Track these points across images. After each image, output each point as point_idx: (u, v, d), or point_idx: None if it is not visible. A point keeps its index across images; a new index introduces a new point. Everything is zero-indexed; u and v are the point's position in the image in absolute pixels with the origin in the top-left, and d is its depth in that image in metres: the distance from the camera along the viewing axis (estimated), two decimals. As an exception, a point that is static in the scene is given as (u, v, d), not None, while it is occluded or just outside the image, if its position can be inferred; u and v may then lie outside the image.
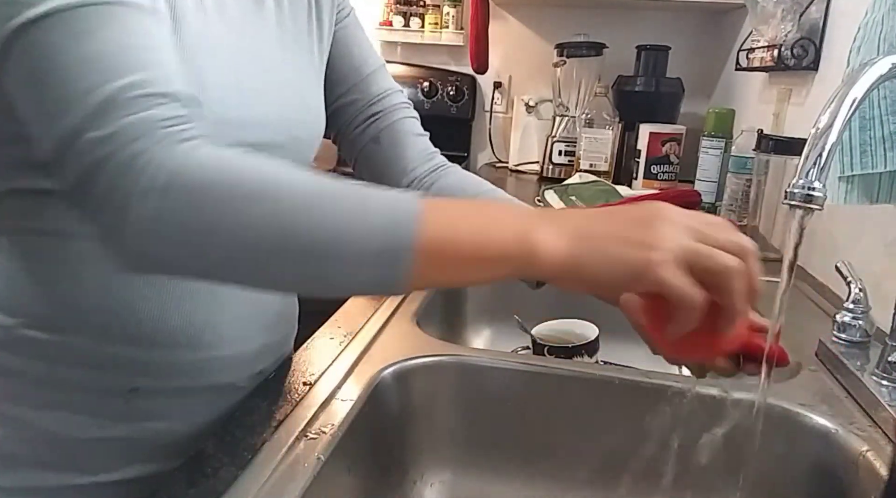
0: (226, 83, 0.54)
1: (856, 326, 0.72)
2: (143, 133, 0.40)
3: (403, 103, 0.74)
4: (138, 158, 0.39)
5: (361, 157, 0.72)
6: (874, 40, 0.70)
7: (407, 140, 0.72)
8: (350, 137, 0.72)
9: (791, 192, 0.48)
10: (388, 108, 0.72)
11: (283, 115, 0.61)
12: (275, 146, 0.60)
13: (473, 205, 0.45)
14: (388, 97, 0.73)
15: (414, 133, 0.73)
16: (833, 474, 0.60)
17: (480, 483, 0.70)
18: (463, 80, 2.06)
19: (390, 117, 0.72)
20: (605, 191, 1.38)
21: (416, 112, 0.75)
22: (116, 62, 0.41)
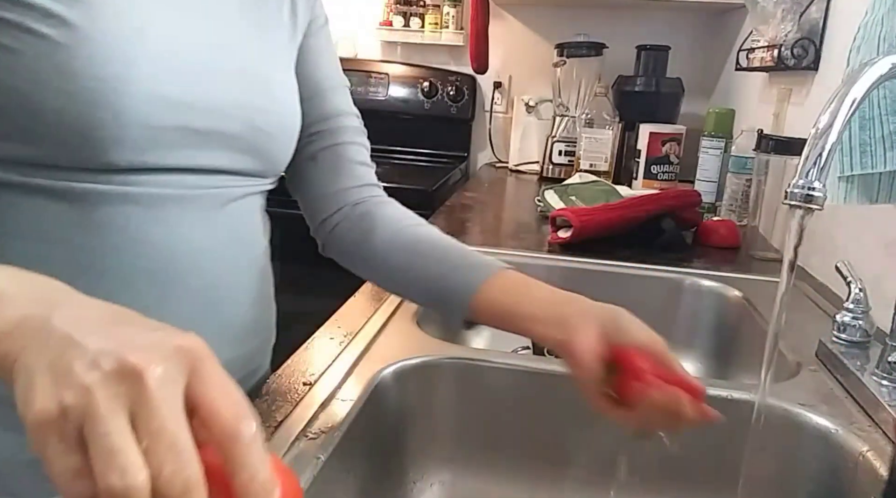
0: (160, 54, 0.50)
1: (856, 326, 0.72)
2: None
3: (353, 128, 0.70)
4: None
5: (296, 173, 0.68)
6: (874, 40, 0.70)
7: (345, 166, 0.68)
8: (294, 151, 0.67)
9: (791, 192, 0.48)
10: (333, 128, 0.68)
11: (239, 101, 0.56)
12: (229, 135, 0.56)
13: None
14: (339, 118, 0.69)
15: (356, 161, 0.69)
16: (833, 474, 0.60)
17: (480, 483, 0.70)
18: (463, 80, 2.06)
19: (334, 138, 0.68)
20: (605, 191, 1.38)
21: (367, 142, 0.71)
22: None
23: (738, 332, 0.94)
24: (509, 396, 0.70)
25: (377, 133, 0.80)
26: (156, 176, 0.52)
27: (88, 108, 0.47)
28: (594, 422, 0.69)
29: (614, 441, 0.69)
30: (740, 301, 0.95)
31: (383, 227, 0.66)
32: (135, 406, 0.27)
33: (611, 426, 0.69)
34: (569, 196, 1.36)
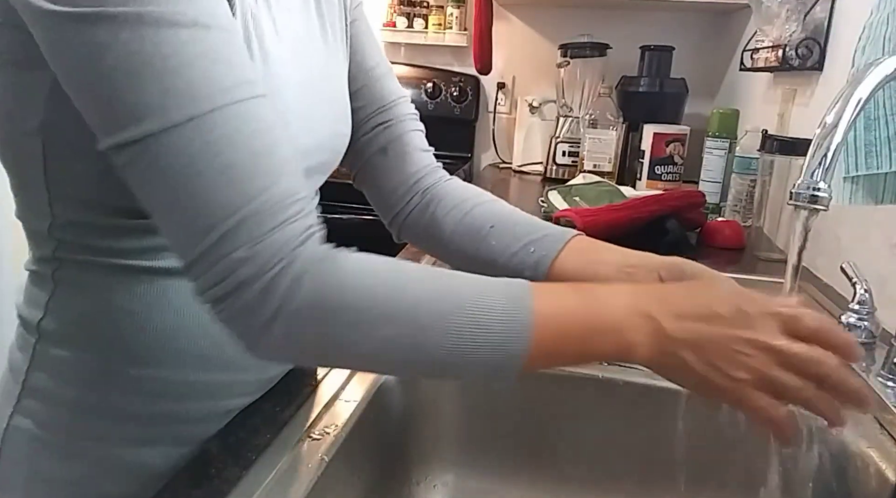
0: (302, 113, 0.53)
1: (861, 327, 0.72)
2: (282, 255, 0.40)
3: (412, 114, 0.70)
4: (277, 282, 0.40)
5: (367, 167, 0.68)
6: (879, 40, 0.70)
7: (414, 155, 0.68)
8: (355, 145, 0.67)
9: (796, 193, 0.48)
10: (397, 117, 0.68)
11: (333, 132, 0.60)
12: (323, 164, 0.59)
13: (580, 311, 0.45)
14: (399, 106, 0.68)
15: (421, 148, 0.69)
16: (839, 477, 0.59)
17: (483, 484, 0.70)
18: (466, 80, 2.06)
19: (400, 129, 0.68)
20: (609, 191, 1.38)
21: (422, 125, 0.71)
22: (249, 176, 0.40)
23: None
24: (512, 398, 0.70)
25: (381, 134, 0.80)
26: None
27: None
28: (597, 423, 0.69)
29: (617, 442, 0.68)
30: (745, 302, 0.94)
31: (453, 210, 0.66)
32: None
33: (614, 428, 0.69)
34: (572, 197, 1.36)
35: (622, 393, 0.67)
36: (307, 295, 0.40)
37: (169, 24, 0.38)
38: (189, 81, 0.39)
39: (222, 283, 0.40)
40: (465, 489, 0.70)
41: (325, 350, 0.43)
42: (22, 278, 0.56)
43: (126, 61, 0.38)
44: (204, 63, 0.39)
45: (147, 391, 0.53)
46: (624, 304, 0.44)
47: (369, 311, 0.41)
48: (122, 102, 0.38)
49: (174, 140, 0.39)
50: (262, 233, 0.40)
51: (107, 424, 0.53)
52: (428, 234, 0.67)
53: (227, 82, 0.40)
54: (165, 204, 0.40)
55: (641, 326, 0.44)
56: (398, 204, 0.68)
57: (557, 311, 0.44)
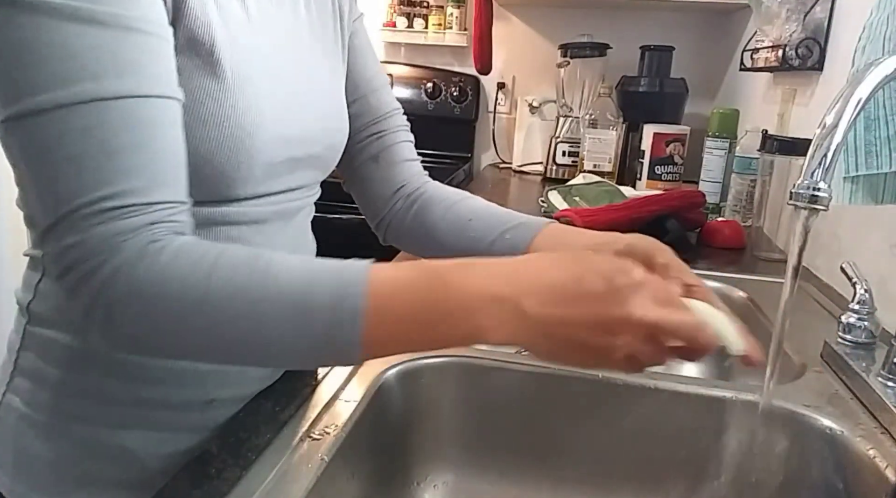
0: (279, 102, 0.54)
1: (861, 327, 0.72)
2: (105, 247, 0.42)
3: (404, 126, 0.74)
4: (98, 272, 0.41)
5: (357, 173, 0.72)
6: (879, 40, 0.70)
7: (403, 165, 0.72)
8: (350, 152, 0.70)
9: (796, 193, 0.48)
10: (391, 128, 0.72)
11: (325, 126, 0.62)
12: (314, 157, 0.61)
13: (423, 295, 0.42)
14: (393, 117, 0.72)
15: (409, 158, 0.73)
16: (838, 476, 0.59)
17: (483, 484, 0.70)
18: (466, 80, 2.06)
19: (392, 139, 0.72)
20: (609, 191, 1.38)
21: (412, 135, 0.75)
22: (96, 169, 0.41)
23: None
24: (513, 397, 0.70)
25: (381, 134, 0.81)
26: (263, 199, 0.56)
27: (229, 154, 0.50)
28: (598, 423, 0.69)
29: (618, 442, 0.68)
30: (745, 302, 0.95)
31: (434, 209, 0.70)
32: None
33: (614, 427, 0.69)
34: (572, 197, 1.36)
35: (622, 393, 0.67)
36: (123, 288, 0.42)
37: (65, 17, 0.41)
38: (66, 71, 0.41)
39: (56, 263, 0.42)
40: (465, 489, 0.70)
41: (146, 341, 0.44)
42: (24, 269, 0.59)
43: (14, 44, 0.40)
44: (86, 57, 0.41)
45: (127, 375, 0.54)
46: (476, 287, 0.42)
47: (183, 302, 0.42)
48: (4, 80, 0.41)
49: (37, 124, 0.41)
50: (90, 224, 0.41)
51: (88, 406, 0.55)
52: (411, 233, 0.71)
53: (104, 77, 0.42)
54: (25, 181, 0.44)
55: (495, 310, 0.42)
56: (384, 208, 0.72)
57: (395, 295, 0.42)
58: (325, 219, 0.76)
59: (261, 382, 0.61)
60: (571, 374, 0.69)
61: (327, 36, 0.64)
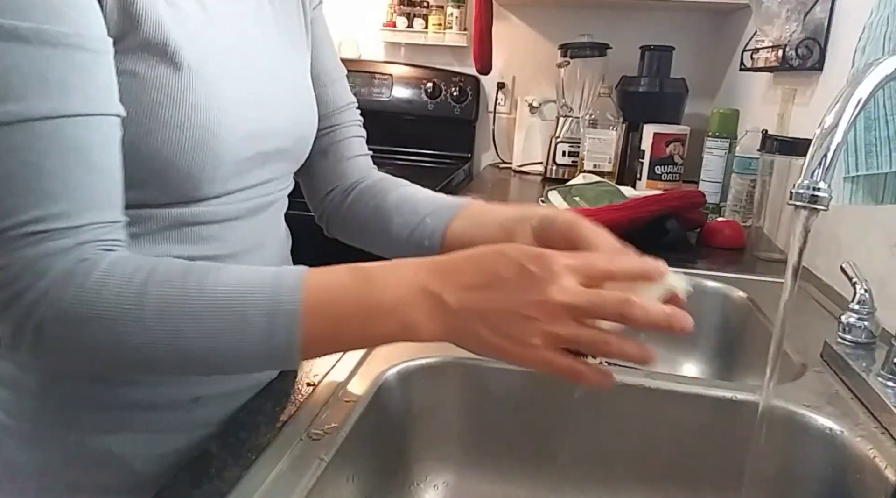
0: (243, 98, 0.53)
1: (861, 327, 0.72)
2: (32, 270, 0.41)
3: (356, 121, 0.73)
4: (25, 295, 0.41)
5: (305, 165, 0.70)
6: (879, 40, 0.70)
7: (351, 161, 0.72)
8: None
9: (796, 193, 0.48)
10: (343, 122, 0.72)
11: (293, 120, 0.61)
12: (283, 151, 0.60)
13: (353, 295, 0.44)
14: (345, 111, 0.72)
15: (359, 154, 0.73)
16: (838, 476, 0.59)
17: (483, 484, 0.70)
18: (466, 80, 2.06)
19: (343, 134, 0.71)
20: (609, 191, 1.38)
21: (363, 130, 0.75)
22: (26, 191, 0.41)
23: (743, 333, 0.94)
24: (513, 398, 0.70)
25: (380, 134, 0.82)
26: (233, 196, 0.56)
27: (193, 155, 0.49)
28: (597, 423, 0.69)
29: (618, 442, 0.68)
30: (745, 302, 0.95)
31: (366, 198, 0.70)
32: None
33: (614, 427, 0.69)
34: (572, 197, 1.36)
35: (622, 393, 0.67)
36: (51, 310, 0.42)
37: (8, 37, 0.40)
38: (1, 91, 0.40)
39: None
40: (465, 489, 0.70)
41: (79, 359, 0.45)
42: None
43: None
44: (11, 76, 0.40)
45: (109, 379, 0.54)
46: (402, 283, 0.44)
47: (116, 321, 0.42)
48: None
49: None
50: (17, 246, 0.41)
51: (72, 412, 0.54)
52: (345, 223, 0.71)
53: (32, 98, 0.41)
54: None
55: (421, 304, 0.43)
56: (324, 201, 0.73)
57: (328, 297, 0.44)
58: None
59: (245, 378, 0.60)
60: (571, 374, 0.69)
61: (293, 26, 0.63)
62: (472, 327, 0.43)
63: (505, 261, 0.43)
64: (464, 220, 0.63)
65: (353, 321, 0.44)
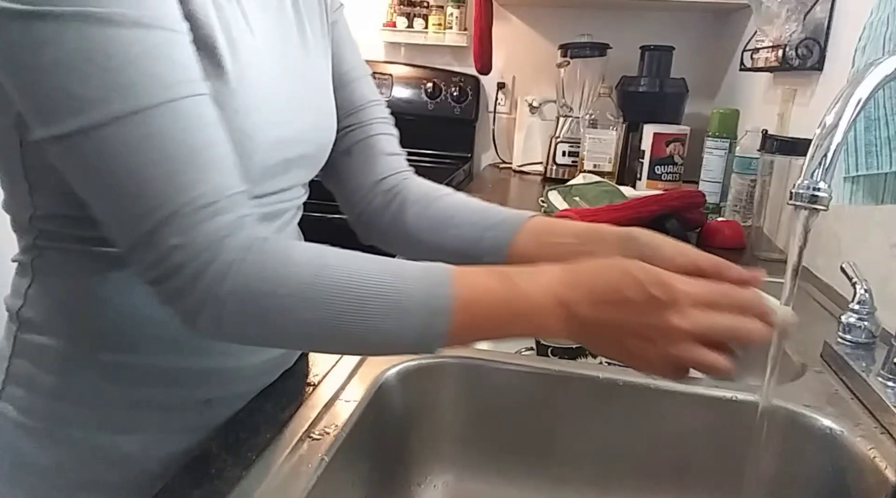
0: (275, 105, 0.54)
1: (861, 327, 0.72)
2: (211, 244, 0.43)
3: (382, 118, 0.71)
4: (207, 269, 0.43)
5: (331, 167, 0.69)
6: (879, 40, 0.70)
7: (380, 159, 0.70)
8: None
9: (796, 193, 0.48)
10: (365, 120, 0.69)
11: (316, 125, 0.61)
12: (305, 157, 0.60)
13: (498, 297, 0.47)
14: (369, 109, 0.70)
15: (387, 152, 0.70)
16: (838, 476, 0.59)
17: (484, 484, 0.70)
18: (466, 80, 2.06)
19: (366, 132, 0.69)
20: (609, 192, 1.38)
21: (395, 129, 0.72)
22: (184, 169, 0.42)
23: (743, 333, 0.94)
24: (513, 397, 0.70)
25: (381, 134, 0.80)
26: (254, 201, 0.56)
27: None
28: (598, 423, 0.69)
29: (618, 442, 0.68)
30: (745, 302, 0.94)
31: (415, 207, 0.68)
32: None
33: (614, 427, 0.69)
34: (572, 197, 1.36)
35: (622, 393, 0.67)
36: (233, 282, 0.43)
37: (112, 24, 0.40)
38: (131, 78, 0.41)
39: (157, 267, 0.43)
40: (465, 489, 0.70)
41: (253, 332, 0.46)
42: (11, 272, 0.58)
43: (69, 57, 0.40)
44: (146, 61, 0.41)
45: (123, 378, 0.54)
46: (540, 290, 0.47)
47: (290, 296, 0.44)
48: (65, 95, 0.40)
49: (114, 133, 0.41)
50: (194, 222, 0.42)
51: (85, 411, 0.54)
52: (390, 231, 0.69)
53: (169, 80, 0.42)
54: (103, 193, 0.43)
55: (556, 312, 0.47)
56: (360, 204, 0.70)
57: (476, 297, 0.47)
58: (324, 219, 0.75)
59: (256, 380, 0.61)
60: (571, 374, 0.69)
61: (315, 32, 0.63)
62: (596, 338, 0.48)
63: (630, 282, 0.46)
64: (529, 236, 0.62)
65: (494, 320, 0.47)
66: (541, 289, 0.47)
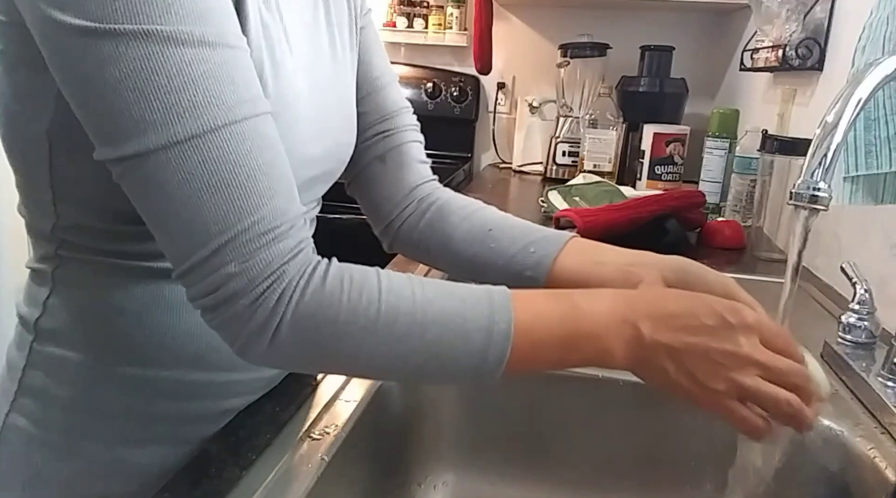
0: (307, 123, 0.53)
1: (861, 327, 0.72)
2: (272, 271, 0.42)
3: (413, 125, 0.70)
4: (267, 296, 0.42)
5: (364, 174, 0.68)
6: (879, 40, 0.70)
7: (412, 166, 0.69)
8: (355, 152, 0.67)
9: (796, 193, 0.48)
10: (399, 127, 0.68)
11: (337, 140, 0.60)
12: (327, 173, 0.60)
13: (558, 320, 0.46)
14: (401, 116, 0.69)
15: (419, 159, 0.70)
16: (838, 476, 0.59)
17: (484, 485, 0.70)
18: (466, 80, 2.06)
19: (400, 138, 0.68)
20: (609, 192, 1.38)
21: (422, 136, 0.71)
22: (244, 194, 0.41)
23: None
24: (513, 397, 0.70)
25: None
26: None
27: None
28: (598, 423, 0.69)
29: (618, 442, 0.68)
30: (745, 302, 0.94)
31: (451, 218, 0.67)
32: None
33: (615, 427, 0.69)
34: (572, 197, 1.36)
35: (622, 393, 0.67)
36: (294, 310, 0.42)
37: (176, 43, 0.39)
38: (192, 99, 0.39)
39: (213, 294, 0.41)
40: (465, 489, 0.70)
41: (311, 360, 0.45)
42: (22, 277, 0.56)
43: (131, 76, 0.39)
44: (208, 82, 0.40)
45: (143, 391, 0.53)
46: (604, 310, 0.46)
47: (351, 324, 0.43)
48: (126, 116, 0.39)
49: (174, 156, 0.39)
50: (252, 249, 0.41)
51: (103, 424, 0.53)
52: (424, 240, 0.68)
53: (230, 101, 0.41)
54: (162, 215, 0.41)
55: (620, 332, 0.46)
56: (393, 212, 0.69)
57: (537, 320, 0.46)
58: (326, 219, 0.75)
59: (267, 387, 0.61)
60: (571, 374, 0.69)
61: (344, 44, 0.62)
62: (660, 361, 0.45)
63: (704, 307, 0.45)
64: (574, 256, 0.61)
65: (555, 345, 0.46)
66: (605, 308, 0.46)
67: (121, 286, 0.52)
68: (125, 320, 0.52)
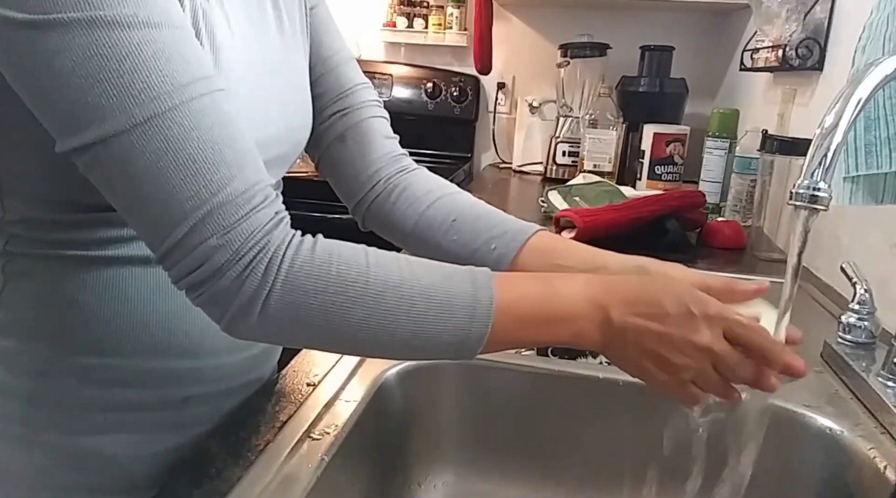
0: (254, 107, 0.53)
1: (861, 327, 0.72)
2: (254, 241, 0.42)
3: (372, 101, 0.68)
4: (253, 267, 0.42)
5: (326, 155, 0.68)
6: (879, 40, 0.70)
7: (375, 142, 0.67)
8: (315, 134, 0.66)
9: (796, 193, 0.48)
10: (355, 104, 0.67)
11: (292, 124, 0.60)
12: (281, 157, 0.59)
13: (538, 300, 0.48)
14: (357, 93, 0.67)
15: (382, 134, 0.68)
16: (838, 476, 0.59)
17: (483, 484, 0.70)
18: (466, 80, 2.06)
19: (358, 116, 0.67)
20: (609, 192, 1.38)
21: (385, 112, 0.70)
22: (213, 168, 0.41)
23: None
24: (513, 397, 0.70)
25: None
26: None
27: None
28: (598, 423, 0.69)
29: (618, 442, 0.68)
30: (745, 302, 0.94)
31: (416, 202, 0.67)
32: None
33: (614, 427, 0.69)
34: (572, 197, 1.36)
35: (622, 393, 0.67)
36: (283, 280, 0.42)
37: (121, 26, 0.39)
38: (147, 80, 0.40)
39: (198, 269, 0.41)
40: (465, 489, 0.70)
41: (300, 332, 0.45)
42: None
43: (82, 65, 0.39)
44: (160, 62, 0.40)
45: (100, 380, 0.53)
46: (579, 294, 0.48)
47: (340, 295, 0.43)
48: (82, 105, 0.39)
49: (136, 138, 0.40)
50: (232, 221, 0.41)
51: (62, 414, 0.53)
52: (390, 225, 0.68)
53: (184, 79, 0.41)
54: (133, 200, 0.42)
55: (593, 315, 0.48)
56: (360, 192, 0.68)
57: (516, 300, 0.47)
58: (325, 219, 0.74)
59: (235, 377, 0.60)
60: (571, 374, 0.69)
61: (294, 26, 0.62)
62: (626, 344, 0.48)
63: (672, 296, 0.48)
64: (534, 256, 0.61)
65: (533, 324, 0.47)
66: (579, 291, 0.48)
67: (73, 277, 0.52)
68: (80, 310, 0.52)
